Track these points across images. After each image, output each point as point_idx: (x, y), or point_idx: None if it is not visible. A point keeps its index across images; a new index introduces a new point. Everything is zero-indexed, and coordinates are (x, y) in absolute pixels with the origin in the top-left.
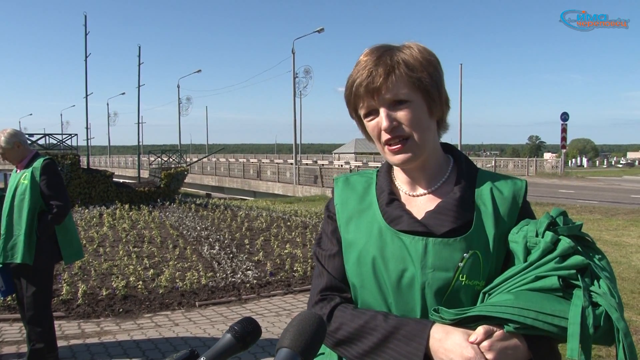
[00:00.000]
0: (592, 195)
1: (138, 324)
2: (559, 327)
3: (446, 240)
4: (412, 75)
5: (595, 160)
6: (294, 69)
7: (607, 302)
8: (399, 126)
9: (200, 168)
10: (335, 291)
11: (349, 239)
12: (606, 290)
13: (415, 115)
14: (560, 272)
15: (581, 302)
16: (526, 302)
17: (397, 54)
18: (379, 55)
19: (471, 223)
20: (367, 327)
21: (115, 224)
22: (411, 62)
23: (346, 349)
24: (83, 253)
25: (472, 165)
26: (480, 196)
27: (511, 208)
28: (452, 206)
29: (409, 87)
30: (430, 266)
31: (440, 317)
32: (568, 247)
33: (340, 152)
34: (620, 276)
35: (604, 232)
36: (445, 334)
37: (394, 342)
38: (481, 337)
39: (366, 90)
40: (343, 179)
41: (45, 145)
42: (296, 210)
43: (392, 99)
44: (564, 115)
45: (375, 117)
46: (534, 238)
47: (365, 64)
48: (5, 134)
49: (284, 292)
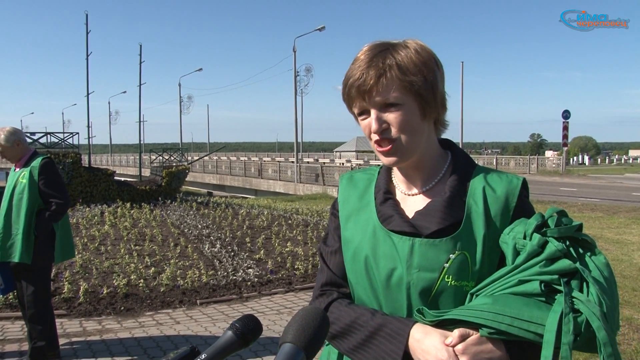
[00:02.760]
0: (593, 193)
1: (139, 322)
2: (536, 334)
3: (432, 241)
4: (404, 78)
5: (597, 158)
6: (295, 67)
7: (588, 310)
8: (388, 128)
9: (202, 166)
10: (334, 286)
11: (347, 236)
12: (594, 296)
13: (405, 119)
14: (543, 276)
15: (561, 308)
16: (503, 307)
17: (391, 55)
18: (373, 56)
19: (461, 223)
20: (356, 324)
21: (117, 223)
22: (405, 64)
23: (339, 343)
24: (74, 252)
25: (469, 162)
26: (472, 195)
27: (504, 208)
28: (440, 206)
29: (400, 91)
30: (415, 266)
31: (422, 318)
32: (555, 250)
33: (342, 150)
34: (621, 274)
35: (605, 230)
36: (424, 335)
37: (377, 340)
38: (456, 340)
39: (357, 91)
40: (348, 176)
41: (47, 144)
42: (297, 209)
43: (383, 102)
44: (565, 113)
45: (367, 117)
46: (522, 240)
47: (359, 64)
48: (5, 132)
49: (285, 290)
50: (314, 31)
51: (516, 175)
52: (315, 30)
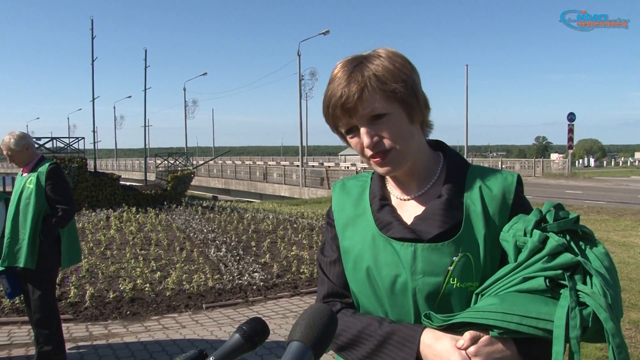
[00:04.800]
0: (599, 196)
1: (145, 327)
2: (545, 330)
3: (434, 245)
4: (385, 88)
5: (603, 161)
6: (299, 71)
7: (594, 302)
8: (380, 141)
9: (207, 171)
10: (336, 297)
11: (345, 246)
12: (598, 288)
13: (395, 127)
14: (547, 272)
15: (567, 302)
16: (511, 306)
17: (367, 68)
18: (350, 72)
19: (461, 225)
20: (364, 334)
21: (122, 227)
22: (382, 73)
23: (348, 354)
24: (81, 257)
25: (462, 162)
26: (469, 195)
27: (501, 206)
28: (439, 210)
29: (385, 100)
30: (419, 272)
31: (430, 323)
32: (556, 245)
33: (347, 154)
34: (628, 277)
35: (611, 233)
36: (434, 340)
37: (388, 348)
38: (467, 343)
39: (342, 109)
40: (340, 184)
41: (53, 149)
42: (302, 213)
43: (369, 114)
44: (570, 115)
45: (356, 134)
46: (523, 237)
47: (339, 83)
48: (15, 136)
49: (291, 294)
50: (319, 35)
51: (510, 171)
52: (319, 34)
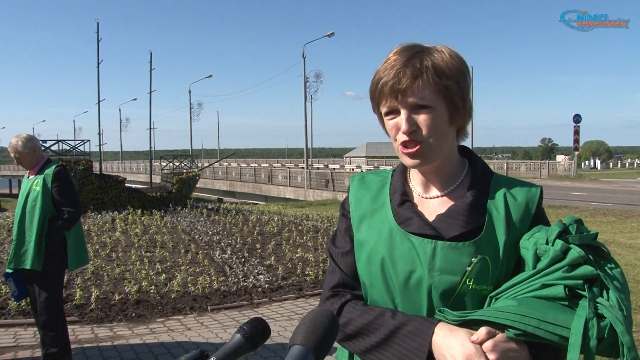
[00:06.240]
0: (605, 198)
1: (151, 329)
2: (561, 337)
3: (455, 244)
4: (439, 82)
5: (609, 162)
6: (304, 73)
7: (612, 315)
8: (417, 130)
9: (212, 173)
10: (346, 288)
11: (361, 238)
12: (614, 302)
13: (435, 122)
14: (567, 281)
15: (585, 312)
16: (529, 310)
17: (427, 58)
18: (409, 56)
19: (482, 228)
20: (375, 323)
21: (128, 229)
22: (441, 68)
23: (354, 344)
24: (88, 259)
25: (487, 169)
26: (493, 201)
27: (524, 214)
28: (463, 210)
29: (434, 93)
30: (437, 269)
31: (445, 318)
32: (577, 256)
33: (352, 155)
34: (635, 279)
35: (617, 235)
36: (449, 332)
37: (399, 338)
38: (483, 337)
39: (391, 90)
40: (359, 177)
41: (59, 151)
42: (307, 215)
43: (415, 103)
44: (576, 117)
45: (396, 116)
46: (544, 246)
47: (394, 63)
48: (22, 138)
49: (296, 296)
50: (323, 37)
51: (534, 183)
52: (324, 37)
